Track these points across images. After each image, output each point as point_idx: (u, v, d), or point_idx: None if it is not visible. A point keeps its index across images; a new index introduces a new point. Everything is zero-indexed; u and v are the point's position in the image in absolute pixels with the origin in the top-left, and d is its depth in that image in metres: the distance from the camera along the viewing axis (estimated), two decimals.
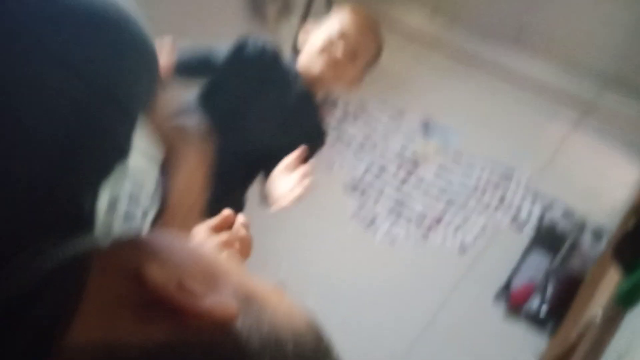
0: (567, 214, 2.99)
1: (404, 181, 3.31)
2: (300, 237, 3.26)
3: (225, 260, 0.40)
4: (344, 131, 3.52)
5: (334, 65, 1.44)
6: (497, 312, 2.87)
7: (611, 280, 2.12)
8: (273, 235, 3.31)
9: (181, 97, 1.47)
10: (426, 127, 3.46)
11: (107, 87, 0.33)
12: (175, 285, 0.32)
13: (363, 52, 1.47)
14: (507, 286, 2.85)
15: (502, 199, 3.15)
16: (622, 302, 1.55)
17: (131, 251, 0.35)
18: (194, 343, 0.30)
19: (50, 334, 0.27)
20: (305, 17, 3.48)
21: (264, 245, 3.31)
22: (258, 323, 0.34)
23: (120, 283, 0.32)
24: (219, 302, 0.32)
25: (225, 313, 0.32)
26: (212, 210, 1.08)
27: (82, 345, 0.28)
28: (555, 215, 3.00)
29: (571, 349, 1.77)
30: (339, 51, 1.42)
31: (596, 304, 2.22)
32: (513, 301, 2.80)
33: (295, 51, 1.46)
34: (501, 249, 3.00)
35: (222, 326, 0.31)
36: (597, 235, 2.90)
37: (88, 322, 0.28)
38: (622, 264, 1.59)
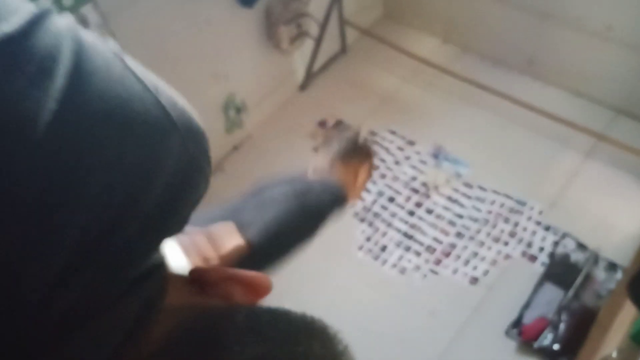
0: (580, 247, 2.95)
1: (412, 213, 3.28)
2: (306, 268, 3.23)
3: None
4: None
5: None
6: (508, 347, 2.80)
7: (627, 315, 2.07)
8: (283, 269, 3.28)
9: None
10: (436, 157, 3.45)
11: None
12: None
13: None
14: (518, 320, 2.79)
15: (512, 233, 3.11)
16: (638, 341, 1.50)
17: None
18: (241, 307, 0.40)
19: (156, 303, 0.34)
20: (319, 41, 3.52)
21: (275, 282, 3.29)
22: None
23: (183, 280, 0.41)
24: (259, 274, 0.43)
25: (264, 281, 0.43)
26: None
27: (172, 307, 0.36)
28: (567, 248, 2.95)
29: None
30: None
31: (611, 341, 2.17)
32: (525, 336, 2.74)
33: (309, 75, 1.55)
34: (512, 282, 2.95)
35: (260, 295, 0.43)
36: (611, 268, 2.85)
37: (170, 298, 0.36)
38: (637, 302, 1.55)
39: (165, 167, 0.30)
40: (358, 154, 1.57)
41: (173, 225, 0.33)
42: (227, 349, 0.34)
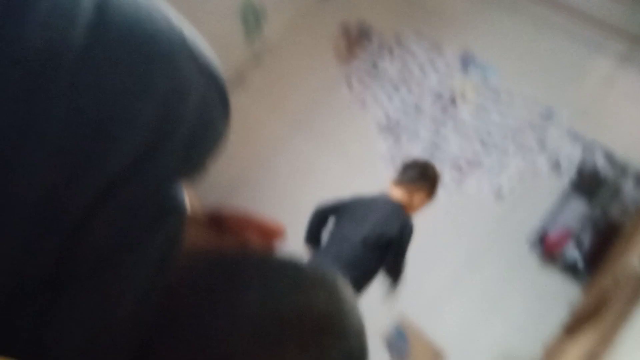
0: (609, 158, 2.87)
1: (439, 122, 3.21)
2: (331, 181, 3.25)
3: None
4: (378, 66, 3.41)
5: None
6: (531, 260, 2.84)
7: None
8: (302, 177, 3.31)
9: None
10: (464, 63, 3.32)
11: None
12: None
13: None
14: (543, 233, 2.81)
15: (541, 142, 3.03)
16: None
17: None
18: (255, 251, 0.42)
19: (177, 241, 0.35)
20: None
21: (295, 191, 3.34)
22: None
23: (201, 220, 0.43)
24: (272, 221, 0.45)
25: (278, 227, 0.44)
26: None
27: (188, 246, 0.37)
28: (596, 159, 2.89)
29: (606, 299, 1.74)
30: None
31: (635, 254, 2.18)
32: (548, 248, 2.77)
33: None
34: (538, 194, 2.92)
35: (272, 241, 0.44)
36: None
37: (191, 238, 0.37)
38: None
39: (187, 102, 0.31)
40: (425, 179, 2.24)
41: (197, 162, 0.34)
42: (237, 293, 0.36)
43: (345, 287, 0.41)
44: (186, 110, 0.31)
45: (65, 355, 0.30)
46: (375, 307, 2.33)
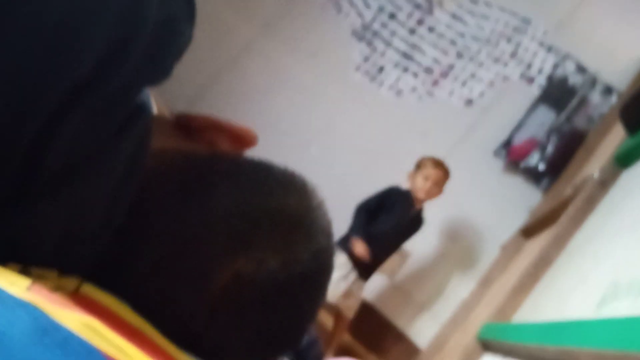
0: (580, 70, 2.90)
1: (413, 31, 3.16)
2: (302, 87, 3.22)
3: None
4: None
5: (429, 191, 2.59)
6: (496, 167, 2.92)
7: (614, 139, 2.12)
8: (276, 85, 3.26)
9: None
10: None
11: None
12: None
13: (443, 181, 2.61)
14: (508, 141, 2.88)
15: (513, 54, 3.03)
16: (621, 161, 1.56)
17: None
18: (224, 155, 0.42)
19: (146, 142, 0.35)
20: None
21: (266, 97, 3.30)
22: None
23: (169, 124, 0.43)
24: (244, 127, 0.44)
25: (250, 133, 0.44)
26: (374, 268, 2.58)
27: (160, 149, 0.38)
28: (567, 71, 2.91)
29: (564, 205, 1.82)
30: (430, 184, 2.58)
31: (596, 162, 2.25)
32: (513, 156, 2.85)
33: None
34: (507, 104, 2.97)
35: (244, 148, 0.44)
36: (607, 92, 2.85)
37: (159, 140, 0.38)
38: (628, 124, 1.57)
39: (151, 2, 0.31)
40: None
41: (162, 64, 0.34)
42: (209, 194, 0.36)
43: (313, 189, 0.41)
44: (150, 11, 0.30)
45: (40, 258, 0.30)
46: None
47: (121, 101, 0.31)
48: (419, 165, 2.66)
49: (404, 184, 2.73)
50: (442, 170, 2.61)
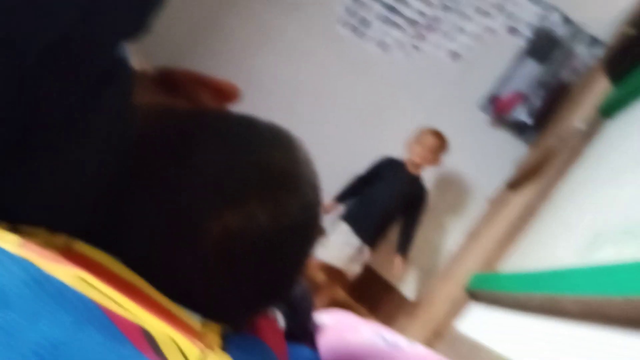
0: (566, 21, 2.89)
1: None
2: (286, 43, 3.17)
3: None
4: None
5: (424, 156, 2.63)
6: (482, 120, 2.94)
7: (598, 92, 2.14)
8: (259, 41, 3.20)
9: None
10: None
11: None
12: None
13: (438, 149, 2.64)
14: (495, 94, 2.89)
15: (499, 6, 3.00)
16: (605, 112, 1.58)
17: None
18: (209, 110, 0.42)
19: (129, 96, 0.36)
20: None
21: (248, 53, 3.24)
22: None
23: (151, 79, 0.42)
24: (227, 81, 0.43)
25: (233, 87, 0.43)
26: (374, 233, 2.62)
27: (145, 105, 0.38)
28: (552, 23, 2.90)
29: (549, 156, 1.85)
30: (425, 149, 2.62)
31: (580, 115, 2.27)
32: (499, 109, 2.86)
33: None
34: (494, 57, 2.95)
35: (228, 100, 0.44)
36: (593, 44, 2.85)
37: (141, 96, 0.38)
38: (612, 75, 1.58)
39: None
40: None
41: (140, 18, 0.34)
42: (193, 150, 0.36)
43: (299, 143, 0.42)
44: None
45: (29, 216, 0.31)
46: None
47: (101, 55, 0.31)
48: (417, 134, 2.70)
49: (392, 142, 2.75)
50: (439, 139, 2.65)
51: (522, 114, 2.82)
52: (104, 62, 0.32)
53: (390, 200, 2.61)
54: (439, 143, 2.64)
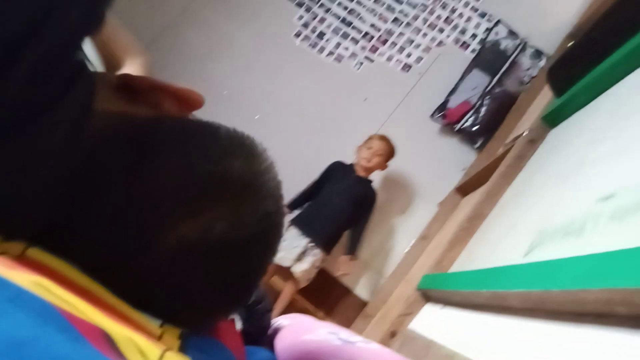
0: (511, 34, 3.02)
1: None
2: (243, 54, 3.18)
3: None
4: None
5: (371, 160, 2.69)
6: (433, 129, 3.03)
7: (542, 100, 2.24)
8: (216, 52, 3.21)
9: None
10: None
11: None
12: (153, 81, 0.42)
13: (385, 153, 2.71)
14: (444, 105, 2.97)
15: (448, 20, 3.12)
16: (548, 121, 1.66)
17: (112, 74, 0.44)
18: (170, 118, 0.41)
19: (89, 101, 0.34)
20: None
21: (206, 63, 3.23)
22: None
23: (112, 85, 0.41)
24: (190, 89, 0.42)
25: (196, 95, 0.42)
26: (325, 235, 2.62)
27: (104, 112, 0.36)
28: (499, 36, 3.02)
29: (497, 163, 1.92)
30: (373, 154, 2.69)
31: (526, 123, 2.37)
32: (449, 118, 2.94)
33: None
34: (443, 69, 3.06)
35: (190, 109, 0.42)
36: (537, 56, 2.98)
37: (102, 102, 0.36)
38: (555, 87, 1.66)
39: None
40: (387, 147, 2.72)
41: (93, 17, 0.33)
42: (152, 159, 0.35)
43: (261, 151, 0.40)
44: None
45: None
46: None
47: (61, 58, 0.30)
48: (366, 139, 2.76)
49: (347, 150, 2.80)
50: (387, 144, 2.71)
51: (470, 123, 2.91)
52: (65, 64, 0.31)
53: (339, 201, 2.63)
54: (386, 148, 2.70)
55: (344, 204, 2.63)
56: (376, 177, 2.81)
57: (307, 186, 2.74)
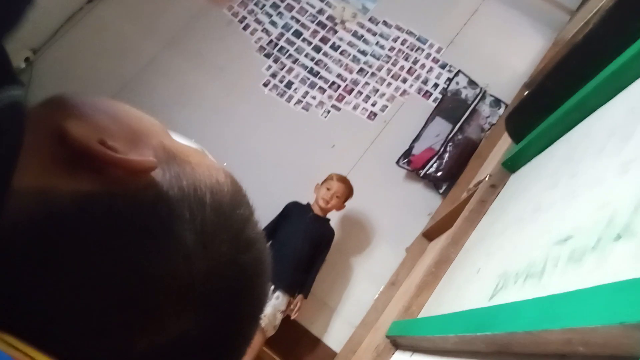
0: (471, 84, 3.14)
1: (319, 49, 3.28)
2: (211, 103, 3.21)
3: (150, 120, 0.44)
4: None
5: (329, 200, 2.73)
6: (399, 175, 3.08)
7: (502, 147, 2.31)
8: (184, 101, 3.23)
9: None
10: None
11: None
12: (97, 140, 0.34)
13: (343, 194, 2.75)
14: (408, 152, 3.03)
15: (411, 70, 3.23)
16: (508, 167, 1.70)
17: (55, 109, 0.36)
18: (117, 193, 0.33)
19: (3, 180, 0.28)
20: None
21: (173, 112, 3.25)
22: (178, 176, 0.37)
23: (48, 139, 0.33)
24: (138, 155, 0.36)
25: (144, 164, 0.35)
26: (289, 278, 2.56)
27: (18, 190, 0.29)
28: (459, 85, 3.14)
29: (460, 207, 1.95)
30: (331, 194, 2.73)
31: (487, 168, 2.43)
32: (413, 165, 3.00)
33: None
34: (407, 117, 3.14)
35: (142, 177, 0.35)
36: (496, 104, 3.09)
37: (25, 172, 0.30)
38: (512, 134, 1.71)
39: None
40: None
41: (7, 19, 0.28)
42: (55, 266, 0.30)
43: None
44: None
45: None
46: None
47: None
48: (325, 179, 2.80)
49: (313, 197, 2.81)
50: (345, 185, 2.75)
51: (434, 169, 2.97)
52: None
53: (298, 243, 2.61)
54: (345, 190, 2.74)
55: (303, 244, 2.62)
56: (343, 224, 2.82)
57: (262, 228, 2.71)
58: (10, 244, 0.29)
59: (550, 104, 1.39)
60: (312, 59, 3.26)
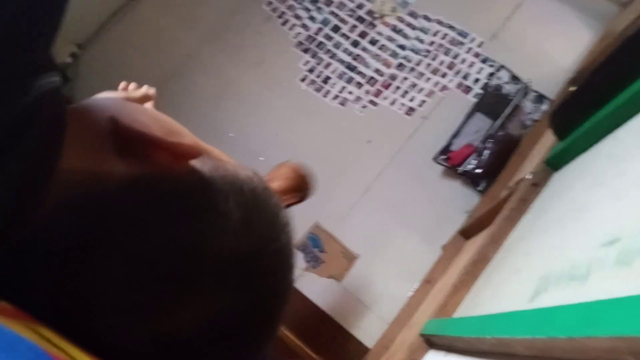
0: (513, 79, 3.06)
1: (356, 43, 3.25)
2: (249, 97, 3.24)
3: (180, 125, 0.47)
4: None
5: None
6: (436, 172, 3.04)
7: (545, 144, 2.25)
8: (222, 95, 3.26)
9: None
10: None
11: None
12: (144, 129, 0.37)
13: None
14: (447, 148, 2.99)
15: (451, 65, 3.18)
16: (551, 165, 1.66)
17: (98, 108, 0.40)
18: (163, 176, 0.36)
19: (44, 165, 0.28)
20: None
21: (212, 107, 3.30)
22: (215, 167, 0.39)
23: (97, 128, 0.36)
24: (183, 141, 0.39)
25: (190, 149, 0.38)
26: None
27: (69, 172, 0.31)
28: (501, 80, 3.07)
29: (500, 206, 1.91)
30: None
31: (528, 166, 2.38)
32: (451, 162, 2.96)
33: None
34: (446, 113, 3.09)
35: (186, 163, 0.38)
36: (539, 100, 3.01)
37: (73, 155, 0.31)
38: (557, 131, 1.67)
39: None
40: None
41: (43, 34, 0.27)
42: (103, 245, 0.31)
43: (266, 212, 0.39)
44: None
45: None
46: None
47: (15, 83, 0.25)
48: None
49: (349, 191, 2.79)
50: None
51: (473, 166, 2.92)
52: (15, 94, 0.25)
53: None
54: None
55: None
56: (380, 220, 2.80)
57: None
58: (59, 219, 0.30)
59: (598, 100, 1.34)
60: (350, 54, 3.24)
